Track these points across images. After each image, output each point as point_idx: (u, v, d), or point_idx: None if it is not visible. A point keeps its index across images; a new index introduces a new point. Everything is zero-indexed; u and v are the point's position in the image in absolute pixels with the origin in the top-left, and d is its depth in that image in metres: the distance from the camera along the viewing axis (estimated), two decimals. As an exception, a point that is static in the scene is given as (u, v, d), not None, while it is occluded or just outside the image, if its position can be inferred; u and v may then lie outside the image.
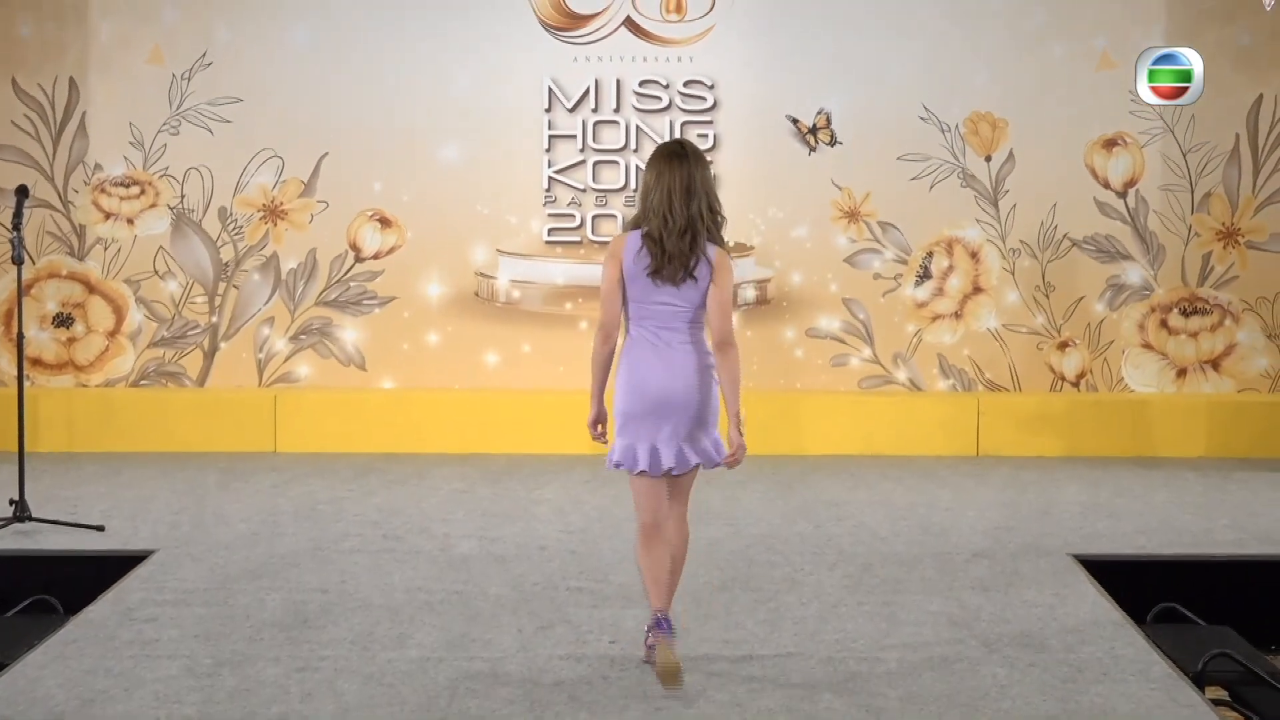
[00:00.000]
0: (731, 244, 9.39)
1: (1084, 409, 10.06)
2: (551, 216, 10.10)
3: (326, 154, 10.08)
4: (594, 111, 10.08)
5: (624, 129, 10.06)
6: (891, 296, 10.17)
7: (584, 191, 10.09)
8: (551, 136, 10.08)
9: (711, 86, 10.07)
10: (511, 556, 7.26)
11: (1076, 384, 10.22)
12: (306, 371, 10.17)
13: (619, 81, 10.06)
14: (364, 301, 10.14)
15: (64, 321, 10.11)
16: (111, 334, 10.14)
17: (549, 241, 10.11)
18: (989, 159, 10.12)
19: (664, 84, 10.05)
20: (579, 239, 10.10)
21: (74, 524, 7.64)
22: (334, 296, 10.14)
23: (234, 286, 10.12)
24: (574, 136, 10.08)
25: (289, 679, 5.48)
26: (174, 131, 10.04)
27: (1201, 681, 5.70)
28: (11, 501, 7.62)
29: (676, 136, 9.65)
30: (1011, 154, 10.11)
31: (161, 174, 10.06)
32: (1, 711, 5.13)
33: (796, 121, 10.09)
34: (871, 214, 10.12)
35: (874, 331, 10.17)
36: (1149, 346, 10.22)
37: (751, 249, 10.10)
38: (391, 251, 10.14)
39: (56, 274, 10.11)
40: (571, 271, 10.11)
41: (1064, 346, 10.20)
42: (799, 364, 10.19)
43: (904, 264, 10.16)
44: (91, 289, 10.11)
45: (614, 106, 10.06)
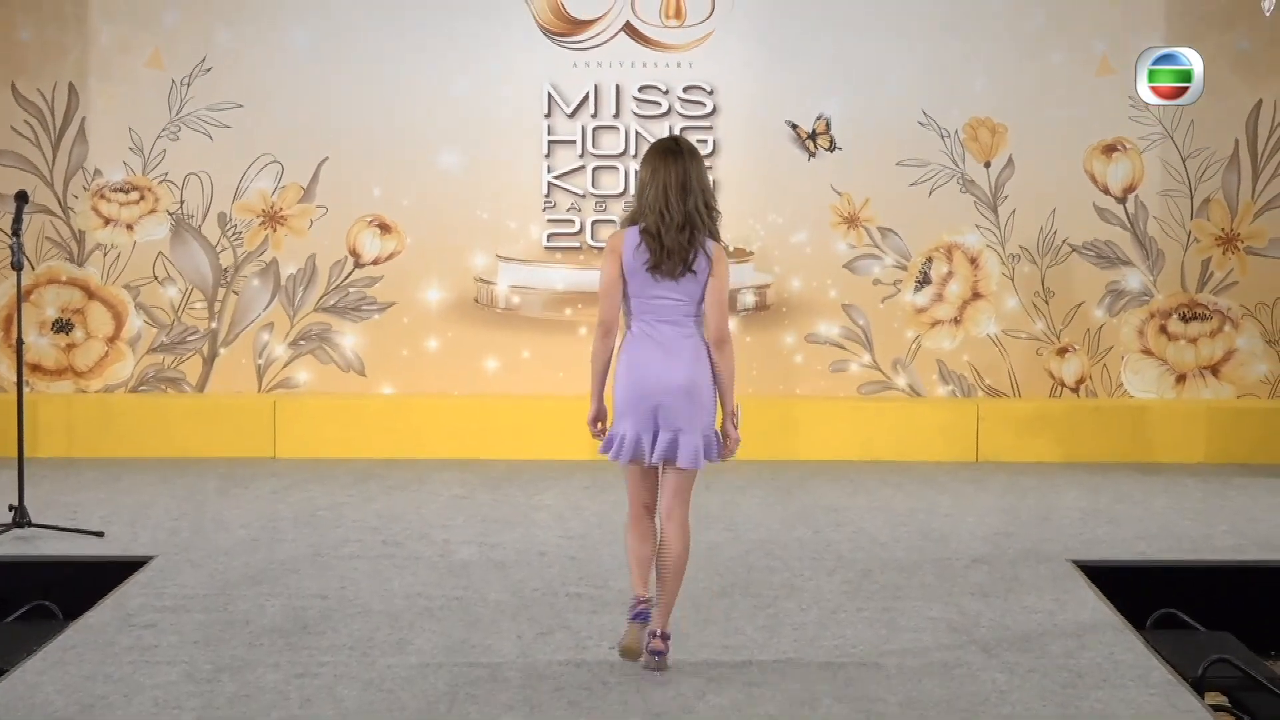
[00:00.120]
0: (731, 249, 9.40)
1: (1083, 415, 10.06)
2: (551, 222, 10.10)
3: (326, 159, 10.08)
4: (593, 117, 10.08)
5: (624, 134, 10.06)
6: (891, 302, 10.17)
7: (584, 197, 10.09)
8: (551, 142, 10.08)
9: (711, 92, 10.07)
10: (511, 562, 7.26)
11: (1076, 390, 10.22)
12: (306, 377, 10.16)
13: (618, 87, 10.06)
14: (363, 307, 10.14)
15: (63, 327, 10.11)
16: (111, 340, 10.14)
17: (548, 247, 10.11)
18: (988, 164, 10.12)
19: (663, 89, 10.05)
20: (579, 244, 10.10)
21: (73, 530, 7.64)
22: (333, 302, 10.14)
23: (233, 292, 10.12)
24: (573, 142, 10.08)
25: (288, 685, 5.47)
26: (174, 137, 10.04)
27: (1201, 687, 5.70)
28: (11, 507, 7.61)
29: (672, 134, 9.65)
30: (1011, 159, 10.11)
31: (161, 179, 10.06)
32: (1, 717, 5.13)
33: (796, 127, 10.09)
34: (871, 219, 10.12)
35: (873, 337, 10.17)
36: (1148, 352, 10.22)
37: (751, 254, 10.10)
38: (391, 257, 10.14)
39: (56, 280, 10.11)
40: (571, 277, 10.11)
41: (1063, 352, 10.20)
42: (798, 370, 10.19)
43: (903, 270, 10.16)
44: (91, 294, 10.11)
45: (613, 112, 10.07)
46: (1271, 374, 10.21)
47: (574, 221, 10.09)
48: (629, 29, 10.05)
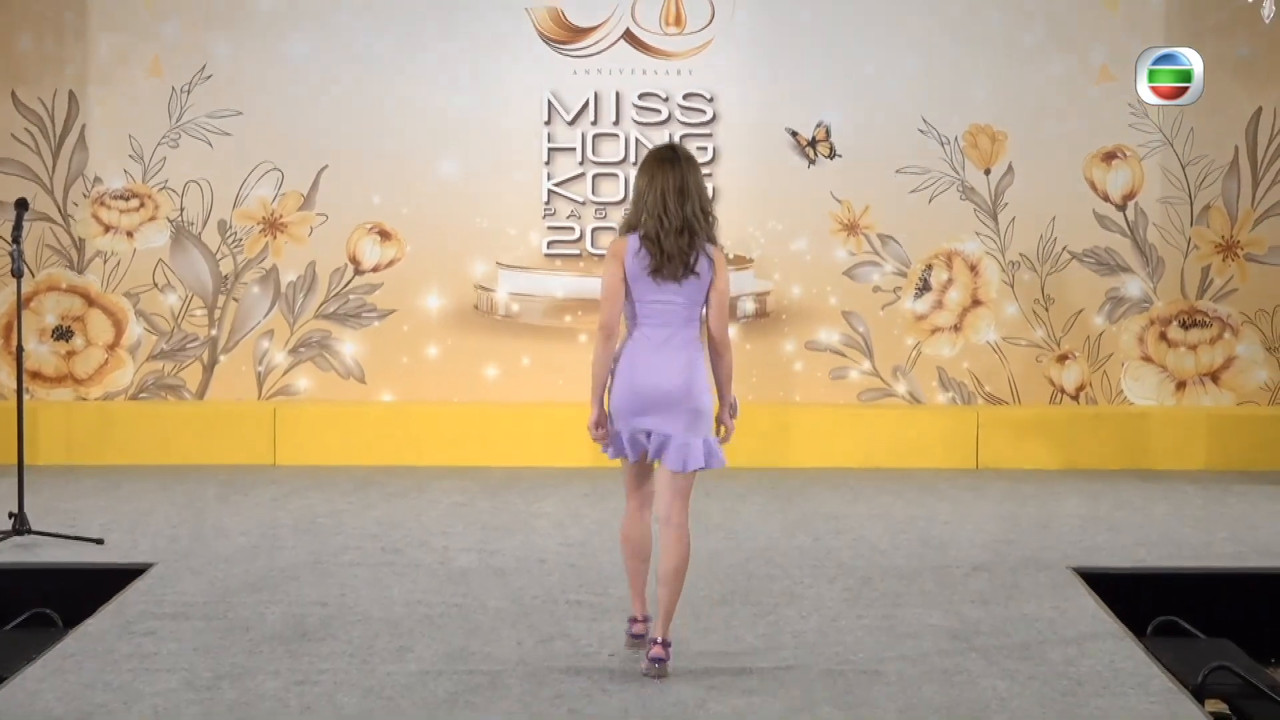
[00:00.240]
0: (730, 256, 9.41)
1: (1083, 422, 10.06)
2: (551, 229, 10.10)
3: (326, 167, 10.08)
4: (593, 124, 10.09)
5: (623, 142, 10.07)
6: (891, 309, 10.17)
7: (583, 204, 10.10)
8: (551, 149, 10.08)
9: (711, 99, 10.07)
10: (511, 569, 7.25)
11: (1076, 397, 10.22)
12: (306, 384, 10.16)
13: (618, 94, 10.07)
14: (363, 314, 10.14)
15: (63, 334, 10.11)
16: (111, 347, 10.14)
17: (548, 254, 10.11)
18: (988, 172, 10.13)
19: (663, 97, 10.06)
20: (578, 252, 10.10)
21: (73, 537, 7.64)
22: (333, 309, 10.14)
23: (233, 299, 10.12)
24: (573, 149, 10.08)
25: (288, 692, 5.47)
26: (173, 145, 10.04)
27: (1201, 694, 5.69)
28: (11, 514, 7.60)
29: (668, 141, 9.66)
30: (1011, 167, 10.11)
31: (161, 187, 10.07)
32: (0, 725, 5.14)
33: (796, 134, 10.09)
34: (871, 227, 10.13)
35: (873, 344, 10.17)
36: (1148, 359, 10.22)
37: (751, 262, 10.10)
38: (391, 264, 10.14)
39: (56, 287, 10.11)
40: (571, 284, 10.11)
41: (1063, 359, 10.20)
42: (798, 377, 10.19)
43: (903, 277, 10.16)
44: (91, 302, 10.11)
45: (613, 119, 10.07)
46: (1271, 381, 10.21)
47: (574, 229, 10.09)
48: (629, 36, 10.06)
